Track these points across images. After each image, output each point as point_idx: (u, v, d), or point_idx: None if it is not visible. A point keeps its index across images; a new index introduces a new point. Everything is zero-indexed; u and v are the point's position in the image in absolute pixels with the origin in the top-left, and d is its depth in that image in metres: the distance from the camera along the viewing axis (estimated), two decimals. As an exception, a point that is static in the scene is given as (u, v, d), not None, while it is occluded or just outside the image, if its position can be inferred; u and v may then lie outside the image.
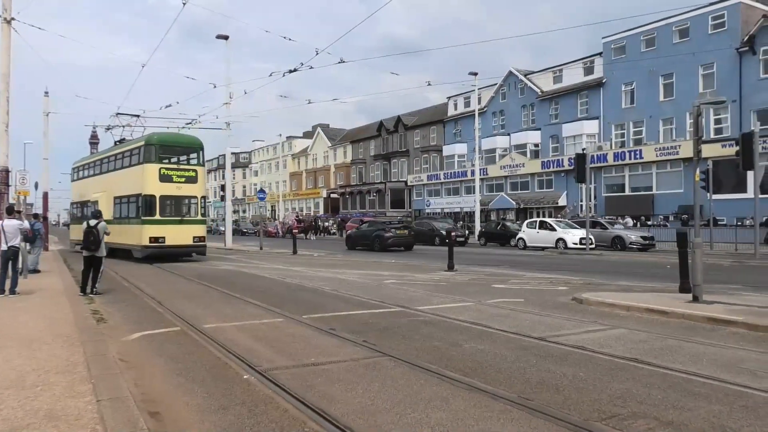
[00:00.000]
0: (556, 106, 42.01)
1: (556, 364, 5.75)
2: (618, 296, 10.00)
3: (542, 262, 20.19)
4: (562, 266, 18.18)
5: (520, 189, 43.72)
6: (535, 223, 28.14)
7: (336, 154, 71.08)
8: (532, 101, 43.73)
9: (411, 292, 11.38)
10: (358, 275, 14.98)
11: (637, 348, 6.45)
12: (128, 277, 14.75)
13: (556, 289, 11.98)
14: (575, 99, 40.33)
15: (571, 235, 26.04)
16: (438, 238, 30.78)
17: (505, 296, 10.68)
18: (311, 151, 76.14)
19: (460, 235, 31.60)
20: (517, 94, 45.08)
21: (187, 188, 20.37)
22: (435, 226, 32.26)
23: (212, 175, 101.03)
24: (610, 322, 8.05)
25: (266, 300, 10.30)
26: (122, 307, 9.97)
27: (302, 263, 19.76)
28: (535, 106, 43.59)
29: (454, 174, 49.49)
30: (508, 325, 7.72)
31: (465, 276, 14.66)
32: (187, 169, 20.69)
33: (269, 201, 75.10)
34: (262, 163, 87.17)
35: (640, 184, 35.53)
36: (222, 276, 15.38)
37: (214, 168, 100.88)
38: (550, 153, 42.03)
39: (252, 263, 19.97)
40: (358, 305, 9.68)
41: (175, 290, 12.30)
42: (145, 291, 11.99)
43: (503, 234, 31.17)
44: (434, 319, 8.27)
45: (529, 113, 44.11)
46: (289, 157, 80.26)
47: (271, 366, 5.71)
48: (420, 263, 19.35)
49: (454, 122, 51.67)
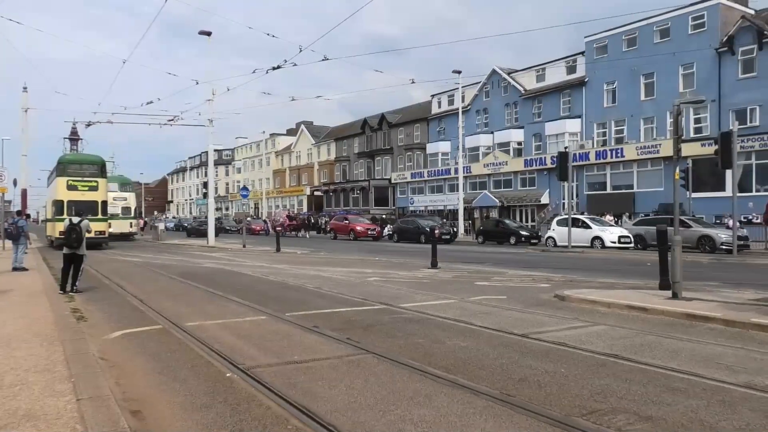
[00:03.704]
0: (539, 104, 42.32)
1: (538, 360, 5.80)
2: (599, 293, 10.10)
3: (525, 260, 20.34)
4: (545, 263, 18.33)
5: (504, 187, 43.98)
6: (566, 221, 25.66)
7: (320, 152, 70.85)
8: (515, 100, 44.00)
9: (394, 290, 11.40)
10: (342, 273, 14.97)
11: (618, 344, 6.53)
12: (109, 275, 14.57)
13: (538, 286, 12.08)
14: (558, 98, 40.67)
15: (608, 233, 24.31)
16: (424, 236, 30.85)
17: (488, 293, 10.75)
18: (295, 149, 75.80)
19: (446, 232, 31.69)
20: (501, 93, 45.32)
21: (90, 195, 26.92)
22: (420, 223, 32.32)
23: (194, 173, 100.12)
24: (591, 319, 8.14)
25: (249, 298, 10.25)
26: (103, 305, 9.86)
27: (285, 261, 19.70)
28: (518, 104, 43.85)
29: (438, 172, 49.63)
30: (490, 322, 7.78)
31: (448, 274, 14.72)
32: (91, 180, 27.47)
33: (252, 198, 74.70)
34: (245, 161, 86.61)
35: (622, 183, 35.95)
36: (205, 274, 15.29)
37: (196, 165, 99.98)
38: (533, 151, 42.33)
39: (235, 261, 19.87)
40: (341, 303, 9.68)
41: (157, 288, 12.19)
42: (126, 289, 11.86)
43: (502, 232, 30.64)
44: (417, 317, 8.30)
45: (513, 112, 44.36)
46: (273, 155, 79.83)
47: (254, 364, 5.69)
48: (404, 261, 19.39)
49: (437, 120, 51.78)
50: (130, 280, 13.81)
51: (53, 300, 9.98)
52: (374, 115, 61.44)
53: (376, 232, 37.19)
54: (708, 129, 31.82)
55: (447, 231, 31.65)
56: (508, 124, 44.69)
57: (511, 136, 43.86)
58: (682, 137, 10.59)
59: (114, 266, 17.86)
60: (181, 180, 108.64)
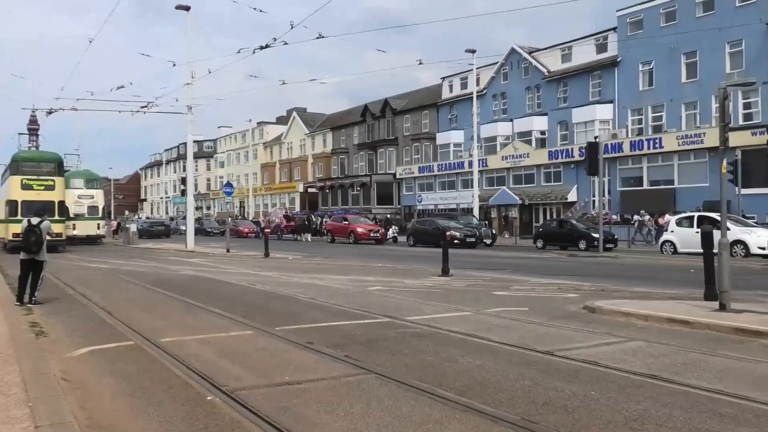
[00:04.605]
0: (564, 88, 42.25)
1: (565, 381, 5.78)
2: (635, 304, 10.08)
3: (550, 266, 20.29)
4: (572, 270, 18.28)
5: (525, 183, 43.93)
6: (691, 219, 23.35)
7: (314, 143, 70.91)
8: (537, 83, 43.94)
9: (399, 300, 11.39)
10: (339, 281, 14.98)
11: (657, 363, 6.50)
12: (73, 284, 14.60)
13: (564, 296, 12.06)
14: (586, 80, 40.59)
15: (755, 235, 21.61)
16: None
17: (507, 304, 10.73)
18: (286, 139, 75.90)
19: (470, 234, 31.17)
20: (521, 75, 45.25)
21: (46, 194, 28.09)
22: (441, 224, 31.77)
23: (171, 167, 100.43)
24: (625, 334, 8.11)
25: (234, 309, 10.25)
26: (66, 318, 9.86)
27: (275, 267, 19.72)
28: (540, 88, 43.79)
29: (450, 165, 49.61)
30: (510, 338, 7.76)
31: (461, 282, 14.71)
32: (47, 179, 28.78)
33: (237, 196, 74.86)
34: (229, 153, 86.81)
35: (660, 177, 35.87)
36: (183, 282, 15.30)
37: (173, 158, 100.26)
38: (558, 142, 42.27)
39: (217, 268, 19.90)
40: (339, 315, 9.68)
41: (128, 299, 12.20)
42: (93, 300, 11.88)
43: (568, 234, 28.51)
44: (426, 331, 8.29)
45: (534, 96, 44.30)
46: (261, 146, 79.94)
47: (239, 385, 5.68)
48: (411, 267, 19.39)
49: (449, 106, 51.72)
50: (97, 289, 13.81)
51: (8, 312, 9.99)
52: (376, 100, 61.46)
53: (379, 234, 37.19)
54: (759, 115, 31.71)
55: (471, 233, 31.13)
56: (529, 110, 44.63)
57: (533, 125, 43.80)
58: (730, 125, 10.55)
59: (78, 274, 17.87)
60: (156, 175, 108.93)
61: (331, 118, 72.58)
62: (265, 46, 22.80)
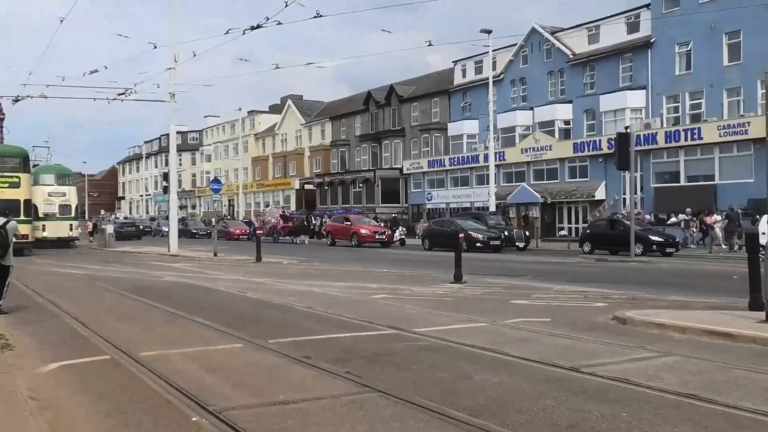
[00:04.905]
0: (591, 72, 42.18)
1: (592, 401, 5.76)
2: (671, 315, 10.06)
3: (574, 272, 20.26)
4: (600, 277, 18.26)
5: (547, 178, 43.88)
6: None
7: (311, 134, 71.03)
8: (561, 66, 43.88)
9: (407, 310, 11.40)
10: (340, 288, 15.02)
11: (695, 381, 6.48)
12: (43, 292, 14.66)
13: (591, 305, 12.05)
14: (616, 64, 40.51)
15: None
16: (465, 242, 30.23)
17: (527, 315, 10.73)
18: (279, 130, 76.05)
19: (494, 236, 30.80)
20: (542, 58, 45.20)
21: (10, 192, 28.58)
22: (461, 225, 31.63)
23: (152, 161, 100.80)
24: (660, 348, 8.09)
25: (222, 320, 10.28)
26: (35, 329, 9.90)
27: (268, 273, 19.76)
28: (564, 72, 43.73)
29: (463, 159, 49.62)
30: (530, 352, 7.75)
31: (476, 289, 14.72)
32: (11, 176, 29.19)
33: (226, 194, 75.07)
34: (217, 146, 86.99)
35: (699, 172, 35.77)
36: (165, 290, 15.34)
37: (154, 152, 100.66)
38: (584, 132, 42.20)
39: (204, 274, 19.96)
40: (339, 326, 9.69)
41: (104, 308, 12.25)
42: (65, 309, 11.93)
43: (621, 236, 27.03)
44: (436, 344, 8.29)
45: (558, 82, 44.24)
46: (252, 138, 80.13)
47: (228, 405, 5.69)
48: (419, 273, 19.42)
49: (461, 93, 51.71)
50: (70, 297, 13.86)
51: (-27, 323, 10.01)
52: (381, 87, 61.51)
53: (385, 236, 37.22)
54: (810, 103, 31.55)
55: (496, 235, 30.99)
56: (551, 97, 44.58)
57: (556, 113, 43.76)
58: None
59: (49, 280, 17.95)
60: (135, 170, 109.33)
61: (330, 106, 72.69)
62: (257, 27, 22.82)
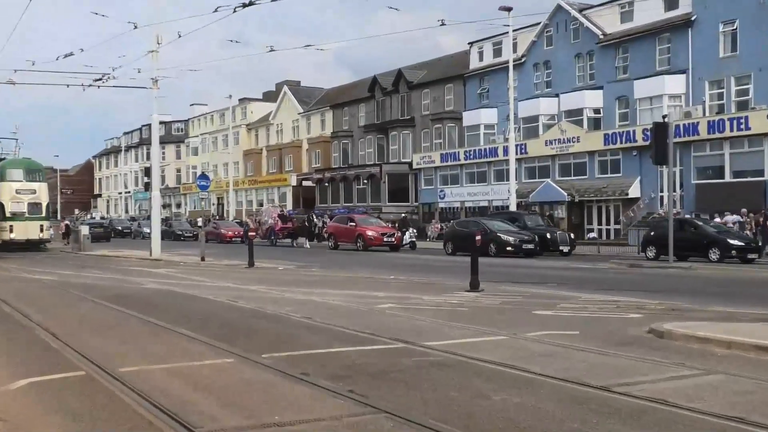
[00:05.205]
0: (624, 55, 42.07)
1: (626, 424, 5.74)
2: (714, 327, 10.03)
3: (605, 279, 20.20)
4: (634, 284, 18.21)
5: (574, 174, 43.80)
6: None
7: (310, 125, 71.12)
8: (590, 48, 43.79)
9: (417, 321, 11.40)
10: (342, 297, 15.03)
11: (742, 402, 6.44)
12: (11, 300, 14.72)
13: (625, 316, 12.02)
14: (652, 45, 40.40)
15: None
16: (494, 245, 30.08)
17: (552, 327, 10.71)
18: (274, 120, 76.18)
19: (527, 240, 30.55)
20: (569, 39, 45.11)
21: None
22: (489, 227, 31.52)
23: (132, 154, 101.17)
24: (703, 365, 8.06)
25: (210, 332, 10.29)
26: (1, 342, 9.92)
27: (262, 280, 19.79)
28: (594, 55, 43.64)
29: (480, 153, 49.58)
30: (555, 369, 7.73)
31: (494, 298, 14.71)
32: None
33: (214, 191, 75.14)
34: (205, 138, 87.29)
35: (746, 167, 35.63)
36: (147, 298, 15.39)
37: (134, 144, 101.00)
38: (616, 122, 42.10)
39: (190, 280, 20.02)
40: (341, 340, 9.70)
41: (79, 318, 12.29)
42: (34, 319, 11.96)
43: (695, 240, 26.47)
44: (449, 360, 8.28)
45: (586, 65, 44.16)
46: (243, 129, 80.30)
47: (216, 427, 5.69)
48: (431, 280, 19.43)
49: (478, 79, 51.66)
50: (41, 306, 13.90)
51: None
52: (387, 72, 61.53)
53: (395, 238, 37.23)
54: None
55: (529, 238, 30.65)
56: (580, 83, 44.51)
57: (585, 101, 43.68)
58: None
59: (17, 287, 18.03)
60: (113, 165, 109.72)
61: (330, 93, 72.76)
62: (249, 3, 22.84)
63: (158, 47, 29.57)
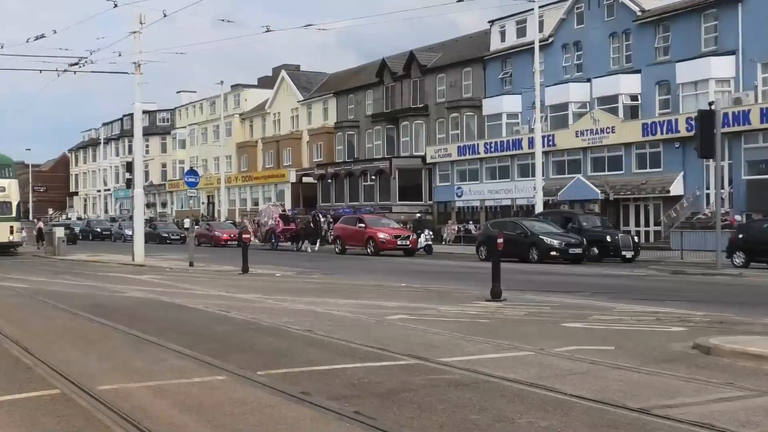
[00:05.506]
0: (665, 34, 41.92)
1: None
2: (767, 343, 9.98)
3: (643, 287, 20.14)
4: (677, 294, 18.13)
5: (608, 169, 43.66)
6: None
7: (311, 114, 71.21)
8: (626, 27, 43.68)
9: (431, 335, 11.40)
10: (347, 307, 15.04)
11: (799, 425, 6.41)
12: (-23, 310, 14.80)
13: (666, 330, 11.98)
14: (697, 22, 40.24)
15: None
16: (536, 250, 29.69)
17: (583, 341, 10.70)
18: (271, 109, 76.34)
19: (574, 243, 29.67)
20: (602, 16, 44.99)
21: None
22: (529, 228, 31.08)
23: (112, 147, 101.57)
24: (754, 385, 8.02)
25: (199, 346, 10.32)
26: (-33, 357, 9.97)
27: (257, 288, 19.84)
28: (631, 34, 43.52)
29: (502, 145, 49.51)
30: (588, 389, 7.72)
31: (518, 308, 14.71)
32: None
33: (204, 188, 75.28)
34: (193, 129, 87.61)
35: (804, 161, 35.50)
36: (129, 308, 15.45)
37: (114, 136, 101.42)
38: (656, 110, 41.98)
39: (177, 288, 20.08)
40: (345, 355, 9.71)
41: (53, 330, 12.33)
42: (3, 332, 11.99)
43: None
44: (468, 378, 8.28)
45: (622, 46, 44.04)
46: (236, 119, 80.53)
47: (206, 453, 5.70)
48: (447, 288, 19.45)
49: (500, 62, 51.60)
50: (10, 317, 13.96)
51: None
52: (397, 54, 61.61)
53: (410, 242, 37.22)
54: None
55: (576, 242, 29.73)
56: (614, 66, 44.40)
57: (620, 86, 43.55)
58: None
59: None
60: (91, 159, 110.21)
61: (334, 79, 72.86)
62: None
63: (141, 27, 29.68)
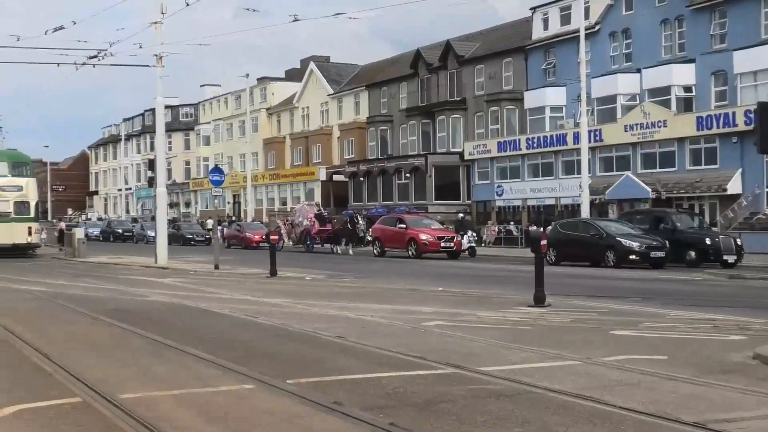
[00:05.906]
0: (722, 20, 41.48)
1: (726, 467, 5.66)
2: (834, 351, 9.84)
3: (699, 292, 19.93)
4: (735, 300, 17.92)
5: (660, 165, 43.28)
6: None
7: (342, 108, 71.29)
8: (678, 13, 43.28)
9: (470, 342, 11.38)
10: (381, 312, 15.05)
11: None
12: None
13: (724, 338, 11.87)
14: (756, 7, 39.76)
15: None
16: (613, 253, 28.99)
17: (633, 350, 10.62)
18: (300, 103, 76.55)
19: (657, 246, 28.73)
20: (653, 2, 44.62)
21: None
22: (604, 230, 30.47)
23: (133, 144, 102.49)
24: (820, 398, 7.91)
25: (225, 353, 10.36)
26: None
27: (286, 292, 19.93)
28: (684, 21, 43.12)
29: (545, 140, 49.28)
30: (639, 401, 7.66)
31: (563, 315, 14.63)
32: None
33: (229, 187, 75.66)
34: (218, 124, 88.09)
35: None
36: (152, 312, 15.57)
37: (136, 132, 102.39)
38: (711, 102, 41.55)
39: (202, 292, 20.21)
40: (379, 363, 9.70)
41: (73, 336, 12.45)
42: (23, 337, 12.14)
43: None
44: (510, 389, 8.25)
45: (675, 34, 43.64)
46: (263, 114, 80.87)
47: (233, 465, 5.73)
48: (487, 293, 19.39)
49: (543, 51, 51.35)
50: (29, 322, 14.08)
51: None
52: (433, 44, 61.53)
53: (454, 243, 37.14)
54: None
55: (659, 245, 28.86)
56: (666, 55, 44.02)
57: (673, 77, 43.18)
58: None
59: (1, 300, 18.32)
60: (111, 157, 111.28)
61: (366, 71, 72.91)
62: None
63: (162, 18, 29.87)
